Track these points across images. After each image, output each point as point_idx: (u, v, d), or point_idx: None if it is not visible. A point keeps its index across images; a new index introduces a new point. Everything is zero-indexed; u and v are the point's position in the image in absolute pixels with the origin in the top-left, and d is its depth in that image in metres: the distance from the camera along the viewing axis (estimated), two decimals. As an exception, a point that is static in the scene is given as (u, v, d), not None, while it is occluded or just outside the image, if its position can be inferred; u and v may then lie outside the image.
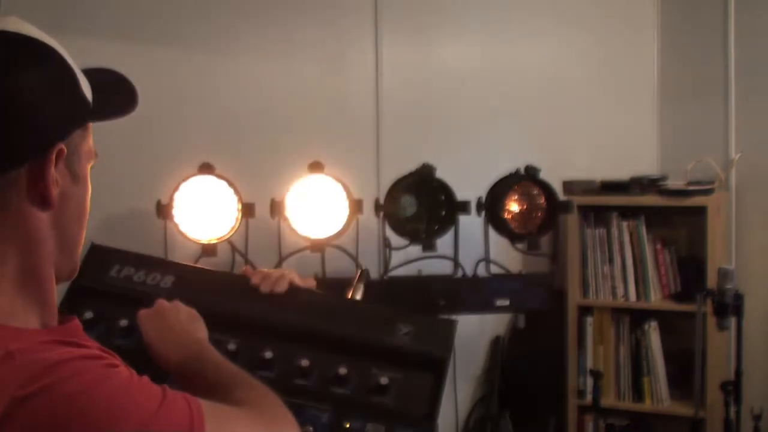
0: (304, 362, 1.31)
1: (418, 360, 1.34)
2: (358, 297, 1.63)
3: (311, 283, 1.43)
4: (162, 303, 1.27)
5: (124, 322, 1.33)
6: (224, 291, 1.41)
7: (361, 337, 1.36)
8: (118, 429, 0.79)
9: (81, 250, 0.98)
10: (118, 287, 1.40)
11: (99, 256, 1.42)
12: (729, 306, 2.45)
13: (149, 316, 1.25)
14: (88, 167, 0.96)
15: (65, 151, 0.89)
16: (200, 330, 1.24)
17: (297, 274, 1.44)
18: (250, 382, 1.11)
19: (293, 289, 1.40)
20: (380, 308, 1.44)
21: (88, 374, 0.82)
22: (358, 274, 1.65)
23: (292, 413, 1.12)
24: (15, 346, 0.82)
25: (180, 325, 1.23)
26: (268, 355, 1.31)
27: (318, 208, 2.53)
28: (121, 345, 1.29)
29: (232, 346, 1.31)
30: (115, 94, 1.01)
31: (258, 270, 1.43)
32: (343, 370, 1.30)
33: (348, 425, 1.26)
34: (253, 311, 1.37)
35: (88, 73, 0.97)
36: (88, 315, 1.33)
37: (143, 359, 1.14)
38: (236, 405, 1.00)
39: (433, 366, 1.34)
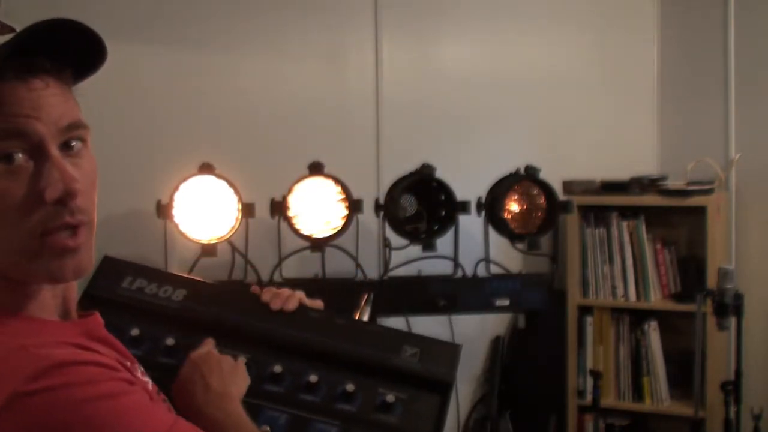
0: (312, 378, 1.32)
1: (423, 381, 1.36)
2: (365, 319, 1.65)
3: (319, 305, 1.44)
4: (211, 350, 1.26)
5: (135, 332, 1.34)
6: (235, 306, 1.42)
7: (368, 356, 1.39)
8: None
9: (21, 251, 0.84)
10: (130, 297, 1.41)
11: (112, 267, 1.44)
12: (729, 306, 2.45)
13: (194, 356, 1.24)
14: None
15: None
16: (236, 385, 1.22)
17: (305, 296, 1.44)
18: None
19: (303, 307, 1.42)
20: (387, 329, 1.49)
21: (100, 385, 0.80)
22: (365, 297, 1.68)
23: (301, 427, 1.11)
24: (30, 341, 0.80)
25: (220, 372, 1.21)
26: (277, 369, 1.33)
27: (316, 208, 2.53)
28: (132, 354, 1.30)
29: (241, 360, 1.32)
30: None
31: (268, 288, 1.44)
32: (350, 387, 1.32)
33: None
34: (264, 327, 1.39)
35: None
36: None
37: (155, 369, 1.15)
38: None
39: (438, 388, 1.36)
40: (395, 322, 2.64)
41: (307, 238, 2.51)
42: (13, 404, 0.75)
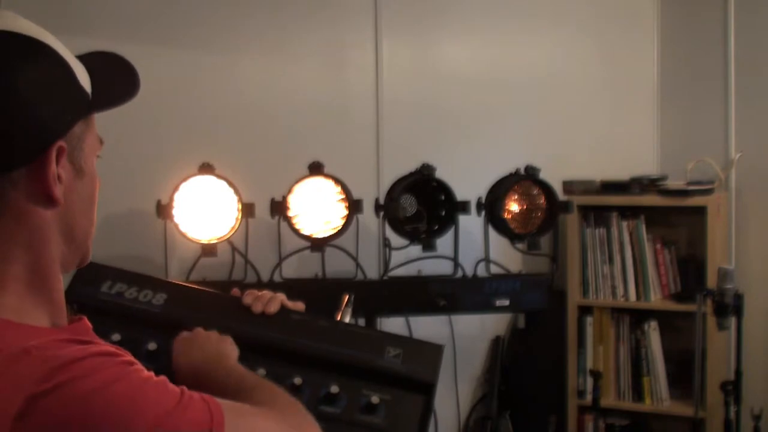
0: (296, 380, 1.32)
1: (407, 382, 1.37)
2: (346, 320, 1.66)
3: (300, 307, 1.44)
4: (199, 329, 1.30)
5: (116, 337, 1.32)
6: (217, 310, 1.42)
7: (351, 358, 1.38)
8: (134, 426, 0.79)
9: (92, 238, 0.97)
10: (110, 302, 1.40)
11: (91, 271, 1.43)
12: (729, 306, 2.45)
13: (183, 336, 1.28)
14: (94, 158, 0.95)
15: (66, 148, 0.87)
16: (229, 349, 1.26)
17: (286, 298, 1.45)
18: (275, 389, 1.11)
19: (284, 310, 1.42)
20: (369, 330, 1.48)
21: (103, 372, 0.81)
22: (345, 299, 1.68)
23: None
24: (32, 343, 0.81)
25: (210, 340, 1.26)
26: (261, 372, 1.32)
27: (316, 208, 2.53)
28: None
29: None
30: (115, 80, 0.99)
31: (249, 291, 1.44)
32: (334, 389, 1.32)
33: None
34: (246, 330, 1.38)
35: (85, 59, 0.94)
36: None
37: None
38: (258, 406, 0.99)
39: (422, 388, 1.37)
40: (395, 322, 2.65)
41: (307, 238, 2.51)
42: (30, 409, 0.77)
